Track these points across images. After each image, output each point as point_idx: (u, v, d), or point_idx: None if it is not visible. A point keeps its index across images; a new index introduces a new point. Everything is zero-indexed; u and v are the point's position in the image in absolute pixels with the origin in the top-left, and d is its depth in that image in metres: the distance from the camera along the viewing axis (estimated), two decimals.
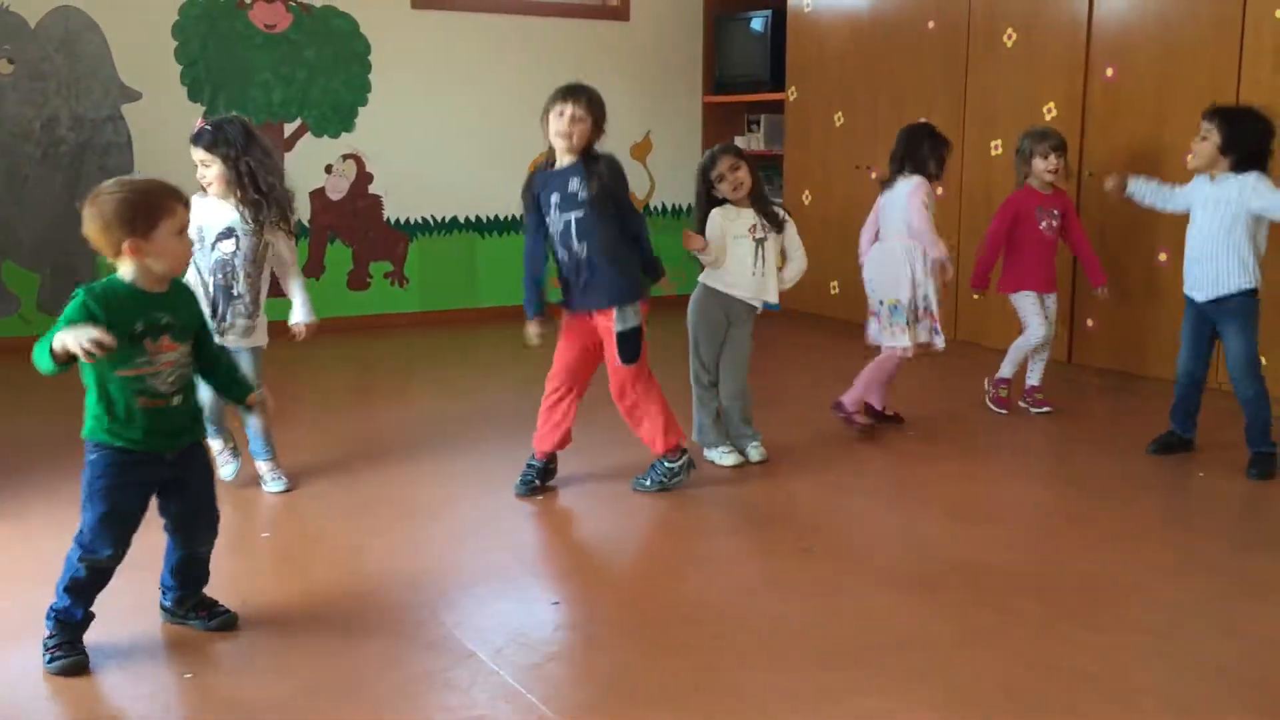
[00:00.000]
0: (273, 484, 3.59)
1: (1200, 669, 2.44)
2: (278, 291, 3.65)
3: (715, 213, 3.83)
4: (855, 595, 2.83)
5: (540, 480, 3.60)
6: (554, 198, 3.43)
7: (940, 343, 4.19)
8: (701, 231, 3.81)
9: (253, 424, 3.56)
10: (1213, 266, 3.75)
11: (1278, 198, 3.63)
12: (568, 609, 2.80)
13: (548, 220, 3.45)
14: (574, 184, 3.40)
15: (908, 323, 4.12)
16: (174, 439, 2.48)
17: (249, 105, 6.05)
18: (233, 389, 2.68)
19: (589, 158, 3.43)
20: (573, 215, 3.40)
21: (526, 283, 3.49)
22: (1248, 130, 3.70)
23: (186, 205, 2.47)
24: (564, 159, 3.43)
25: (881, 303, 4.20)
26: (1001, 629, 2.62)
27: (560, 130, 3.39)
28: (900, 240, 4.17)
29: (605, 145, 3.49)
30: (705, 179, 3.83)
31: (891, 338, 4.17)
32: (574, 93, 3.40)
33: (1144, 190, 4.05)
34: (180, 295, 2.52)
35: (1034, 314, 4.52)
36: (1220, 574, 2.98)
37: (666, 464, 3.57)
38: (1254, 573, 2.97)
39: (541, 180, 3.47)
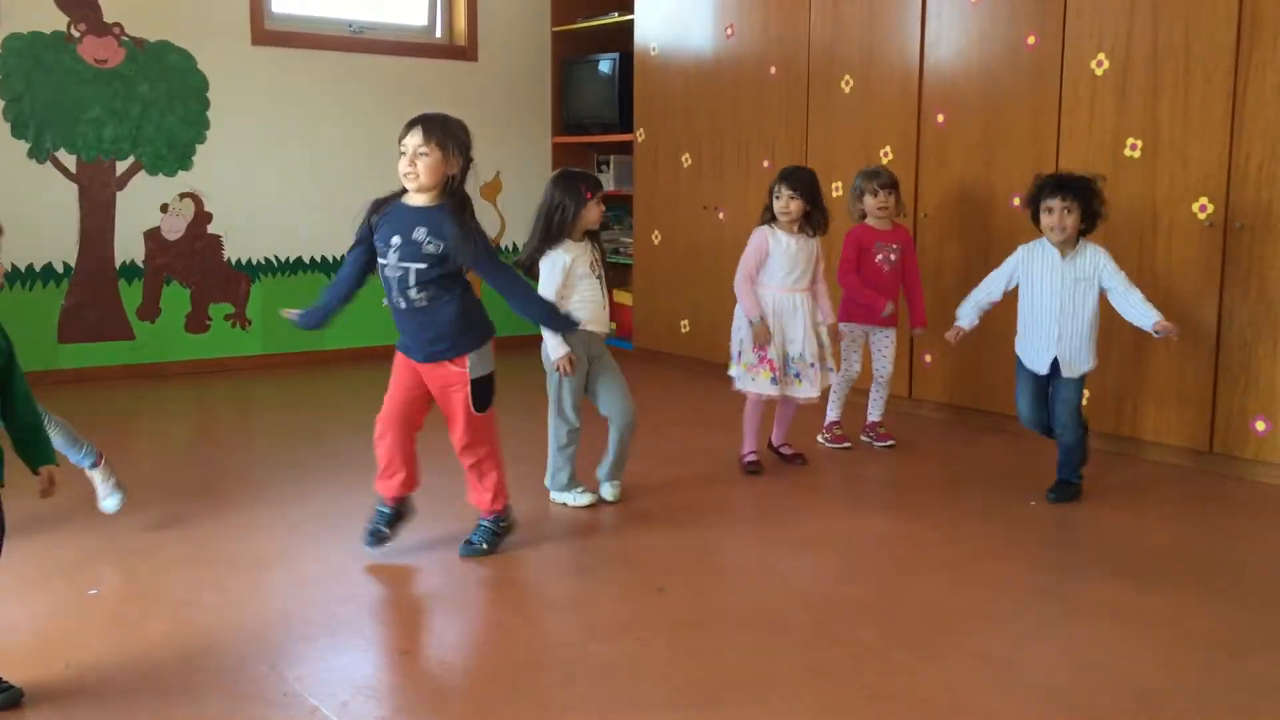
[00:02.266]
0: (107, 500, 3.55)
1: (1036, 694, 2.52)
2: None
3: (561, 256, 3.71)
4: (708, 634, 2.84)
5: (390, 528, 3.41)
6: (394, 239, 3.12)
7: (810, 393, 4.19)
8: (535, 263, 3.71)
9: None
10: (1069, 347, 3.83)
11: (1123, 278, 3.79)
12: (416, 659, 2.73)
13: (381, 261, 3.18)
14: (420, 233, 3.10)
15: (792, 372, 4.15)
16: None
17: (78, 141, 5.82)
18: (27, 450, 2.46)
19: (449, 201, 3.13)
20: (413, 265, 3.12)
21: (325, 299, 3.30)
22: (1096, 202, 3.81)
23: None
24: (416, 198, 3.16)
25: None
26: (848, 661, 2.67)
27: (403, 170, 3.12)
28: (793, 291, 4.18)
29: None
30: (579, 196, 3.68)
31: (752, 384, 4.18)
32: (415, 122, 3.11)
33: (970, 313, 4.08)
34: None
35: (851, 349, 4.68)
36: (1053, 600, 3.10)
37: (500, 521, 3.40)
38: (1084, 598, 3.10)
39: (384, 212, 3.17)
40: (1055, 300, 3.84)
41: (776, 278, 4.17)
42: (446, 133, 3.11)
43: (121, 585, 3.15)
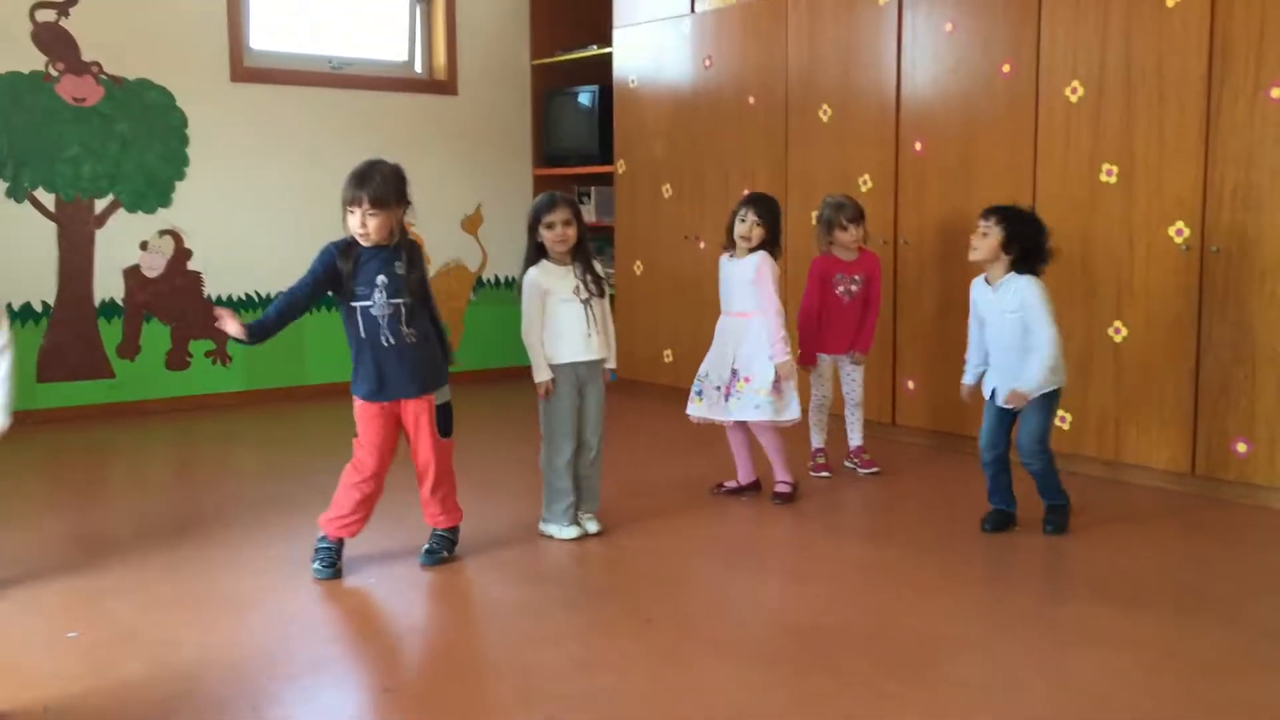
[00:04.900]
0: None
1: None
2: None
3: (534, 273, 3.78)
4: (694, 666, 2.82)
5: (341, 558, 3.52)
6: (379, 278, 3.36)
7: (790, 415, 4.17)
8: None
9: None
10: (1001, 377, 3.83)
11: (1040, 321, 3.71)
12: (399, 697, 2.71)
13: (365, 304, 3.36)
14: (399, 266, 3.38)
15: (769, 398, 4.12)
16: None
17: (56, 180, 5.80)
18: None
19: (404, 239, 3.42)
20: (401, 301, 3.38)
21: (275, 309, 3.40)
22: (1026, 230, 3.80)
23: None
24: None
25: (747, 380, 4.14)
26: (834, 692, 2.65)
27: (356, 230, 3.35)
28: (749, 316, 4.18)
29: (437, 218, 3.43)
30: (537, 221, 3.77)
31: (769, 411, 4.13)
32: (359, 185, 3.32)
33: (975, 368, 4.01)
34: None
35: (819, 376, 4.67)
36: (1039, 625, 3.09)
37: (454, 533, 3.64)
38: (1068, 623, 3.09)
39: (356, 257, 3.38)
40: (990, 329, 3.88)
41: (725, 302, 4.28)
42: (387, 190, 3.34)
43: (101, 627, 3.12)
